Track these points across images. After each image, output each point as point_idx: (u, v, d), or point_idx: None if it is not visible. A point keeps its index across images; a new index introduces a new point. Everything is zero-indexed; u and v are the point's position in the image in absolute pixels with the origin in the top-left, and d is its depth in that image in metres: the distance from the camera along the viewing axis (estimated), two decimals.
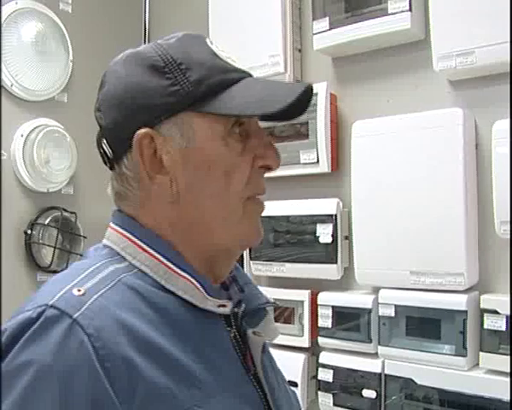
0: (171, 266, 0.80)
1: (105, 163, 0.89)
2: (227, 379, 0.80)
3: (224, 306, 0.83)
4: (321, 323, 1.81)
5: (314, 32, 1.85)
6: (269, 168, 0.86)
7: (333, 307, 1.79)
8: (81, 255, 2.17)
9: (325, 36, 1.82)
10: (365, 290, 1.81)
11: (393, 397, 1.64)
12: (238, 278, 0.94)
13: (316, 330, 1.85)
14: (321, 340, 1.83)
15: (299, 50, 1.99)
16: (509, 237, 1.50)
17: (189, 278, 0.80)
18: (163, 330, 0.75)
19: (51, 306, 0.70)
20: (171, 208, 0.82)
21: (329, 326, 1.79)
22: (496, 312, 1.49)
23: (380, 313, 1.68)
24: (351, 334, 1.76)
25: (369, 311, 1.72)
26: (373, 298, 1.72)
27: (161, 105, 0.80)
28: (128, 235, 0.83)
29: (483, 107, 1.62)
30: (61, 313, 0.69)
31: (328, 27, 1.81)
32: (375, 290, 1.74)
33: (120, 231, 0.84)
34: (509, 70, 1.52)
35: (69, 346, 0.67)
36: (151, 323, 0.74)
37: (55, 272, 2.15)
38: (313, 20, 1.86)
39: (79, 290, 0.72)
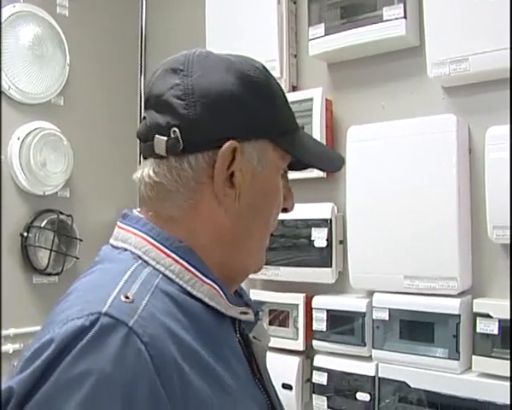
0: (196, 272, 0.80)
1: (149, 150, 0.83)
2: (244, 384, 0.81)
3: (245, 313, 0.85)
4: (315, 326, 1.82)
5: (310, 37, 1.87)
6: (285, 211, 0.93)
7: (327, 310, 1.80)
8: (77, 258, 2.19)
9: (321, 42, 1.84)
10: (359, 294, 1.82)
11: (387, 400, 1.65)
12: None
13: (310, 334, 1.86)
14: (315, 343, 1.84)
15: (295, 56, 2.01)
16: (501, 241, 1.52)
17: (213, 284, 0.81)
18: (196, 336, 0.75)
19: (105, 314, 0.68)
20: (226, 220, 0.83)
21: (324, 330, 1.81)
22: (488, 316, 1.50)
23: (374, 317, 1.70)
24: (345, 337, 1.77)
25: (364, 314, 1.73)
26: (367, 302, 1.74)
27: (254, 126, 0.83)
28: (147, 238, 0.81)
29: (476, 113, 1.64)
30: (117, 321, 0.68)
31: (323, 33, 1.83)
32: (370, 294, 1.75)
33: (139, 234, 0.82)
34: (502, 77, 1.54)
35: (128, 355, 0.66)
36: (187, 330, 0.74)
37: (50, 274, 2.16)
38: (309, 26, 1.88)
39: (127, 297, 0.71)
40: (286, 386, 1.87)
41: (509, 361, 1.45)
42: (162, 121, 0.81)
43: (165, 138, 0.81)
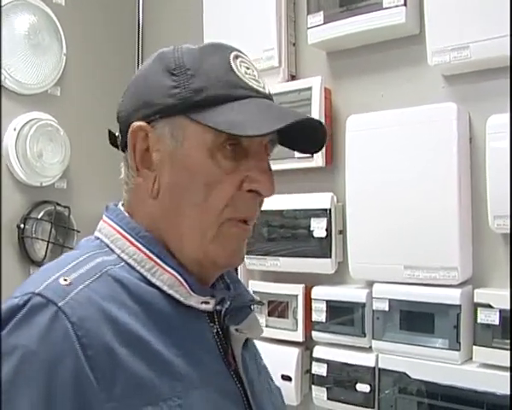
0: (158, 260, 0.82)
1: (117, 146, 0.90)
2: (208, 373, 0.81)
3: (206, 303, 0.84)
4: (315, 317, 1.81)
5: (308, 26, 1.85)
6: (259, 194, 0.84)
7: (327, 301, 1.79)
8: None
9: (319, 30, 1.82)
10: (359, 285, 1.81)
11: (387, 391, 1.65)
12: (225, 276, 0.95)
13: (310, 325, 1.85)
14: (315, 334, 1.83)
15: (294, 45, 1.99)
16: (502, 231, 1.51)
17: (174, 273, 0.82)
18: (146, 322, 0.76)
19: (37, 294, 0.72)
20: (152, 204, 0.84)
21: (323, 320, 1.80)
22: (489, 306, 1.49)
23: (374, 308, 1.69)
24: (345, 328, 1.76)
25: (363, 305, 1.72)
26: (367, 292, 1.72)
27: (160, 104, 0.82)
28: (118, 228, 0.85)
29: (477, 101, 1.62)
30: (47, 301, 0.71)
31: (322, 21, 1.81)
32: (369, 285, 1.74)
33: (111, 224, 0.86)
34: (503, 65, 1.53)
35: (54, 333, 0.70)
36: (134, 315, 0.76)
37: None
38: (308, 14, 1.85)
39: (65, 280, 0.74)
40: (285, 377, 1.86)
41: (509, 352, 1.44)
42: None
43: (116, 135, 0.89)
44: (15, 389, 0.68)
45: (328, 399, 1.77)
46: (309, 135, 0.88)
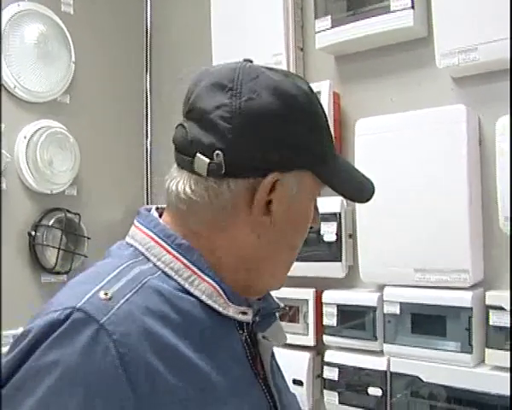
0: (196, 269, 0.80)
1: (188, 165, 0.82)
2: (238, 384, 0.80)
3: (244, 313, 0.83)
4: (326, 321, 1.81)
5: (316, 30, 1.85)
6: (310, 228, 0.92)
7: (338, 305, 1.79)
8: (85, 256, 2.19)
9: (327, 34, 1.82)
10: (370, 288, 1.80)
11: (399, 395, 1.64)
12: None
13: (321, 329, 1.85)
14: (326, 338, 1.82)
15: (302, 49, 1.99)
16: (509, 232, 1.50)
17: (212, 283, 0.81)
18: (185, 334, 0.75)
19: (78, 309, 0.70)
20: (256, 245, 0.84)
21: (334, 324, 1.79)
22: (501, 308, 1.48)
23: (385, 311, 1.68)
24: (356, 332, 1.75)
25: (374, 309, 1.71)
26: (378, 296, 1.72)
27: (299, 158, 0.82)
28: (152, 235, 0.82)
29: (486, 103, 1.62)
30: (89, 317, 0.70)
31: (330, 26, 1.81)
32: (380, 288, 1.74)
33: (144, 231, 0.83)
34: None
35: (95, 350, 0.68)
36: (174, 327, 0.75)
37: (59, 273, 2.16)
38: (315, 18, 1.86)
39: (106, 294, 0.73)
40: (296, 382, 1.86)
41: (509, 352, 1.45)
42: (206, 141, 0.79)
43: (208, 161, 0.79)
44: (54, 404, 0.67)
45: (340, 403, 1.77)
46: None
